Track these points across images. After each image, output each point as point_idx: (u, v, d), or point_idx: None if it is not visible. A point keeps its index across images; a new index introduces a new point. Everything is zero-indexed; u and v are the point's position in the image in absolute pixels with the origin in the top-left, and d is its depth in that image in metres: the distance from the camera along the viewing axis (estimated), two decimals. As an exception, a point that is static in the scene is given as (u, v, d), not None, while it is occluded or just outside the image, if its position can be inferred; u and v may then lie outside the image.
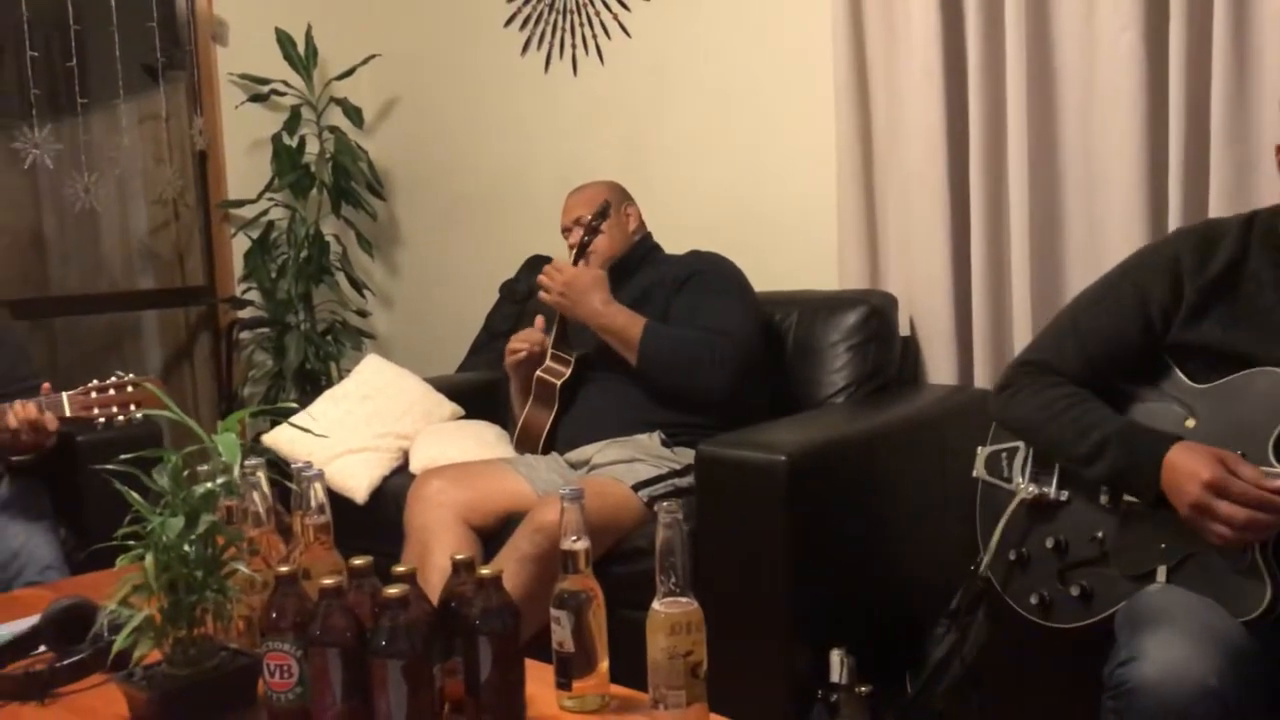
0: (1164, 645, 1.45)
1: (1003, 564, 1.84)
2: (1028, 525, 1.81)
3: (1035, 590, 1.78)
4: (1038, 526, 1.80)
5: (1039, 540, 1.78)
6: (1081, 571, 1.73)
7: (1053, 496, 1.78)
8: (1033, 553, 1.80)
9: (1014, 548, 1.82)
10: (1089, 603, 1.71)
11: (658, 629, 1.29)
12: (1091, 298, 1.84)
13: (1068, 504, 1.77)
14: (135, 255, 4.00)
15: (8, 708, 1.49)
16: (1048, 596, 1.77)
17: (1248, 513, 1.51)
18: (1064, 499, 1.77)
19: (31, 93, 3.48)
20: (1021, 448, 1.84)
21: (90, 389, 2.35)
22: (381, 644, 1.24)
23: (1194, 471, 1.54)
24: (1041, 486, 1.79)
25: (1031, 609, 1.79)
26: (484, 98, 3.77)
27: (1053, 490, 1.78)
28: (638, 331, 2.49)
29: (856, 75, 2.77)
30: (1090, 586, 1.71)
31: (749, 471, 2.07)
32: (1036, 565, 1.79)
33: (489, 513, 2.42)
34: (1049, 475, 1.79)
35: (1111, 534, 1.70)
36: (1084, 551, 1.73)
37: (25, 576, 2.33)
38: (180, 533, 1.31)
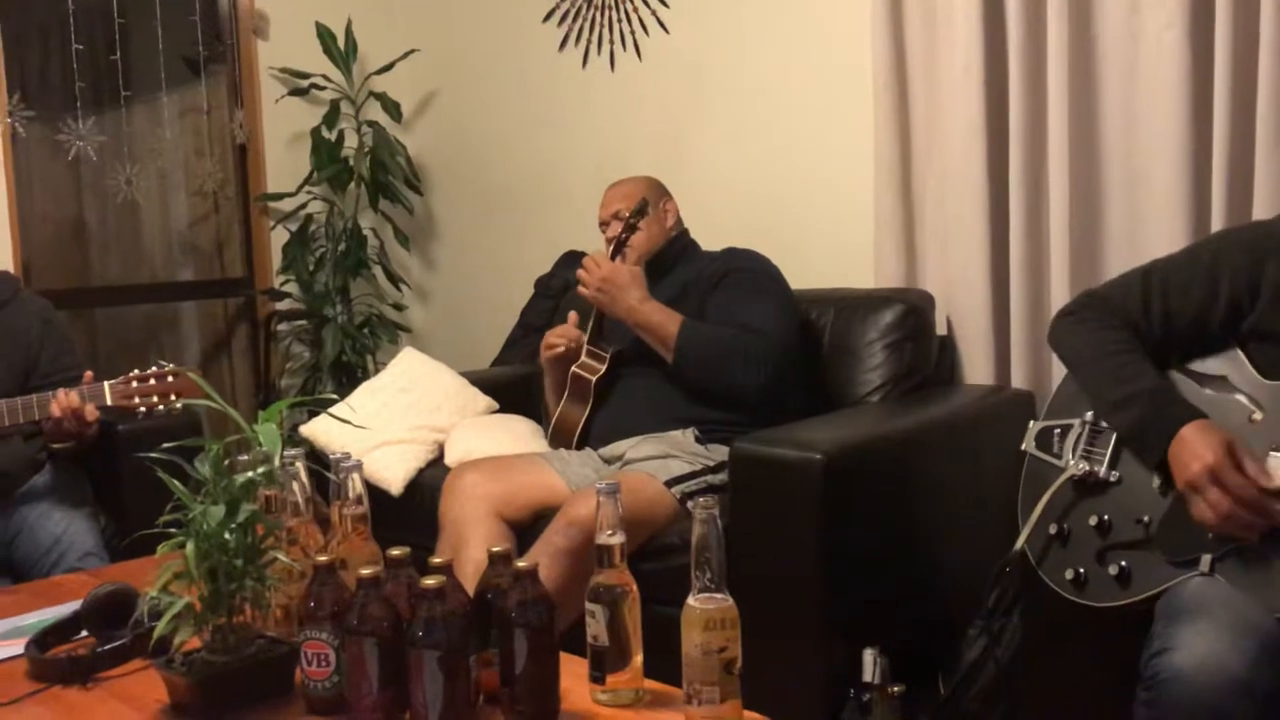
0: (1198, 637, 1.45)
1: (1042, 538, 1.83)
2: (1072, 501, 1.81)
3: (1072, 566, 1.77)
4: (1083, 503, 1.79)
5: (1082, 517, 1.78)
6: (1122, 553, 1.72)
7: (1103, 475, 1.77)
8: (1074, 529, 1.79)
9: (1055, 522, 1.81)
10: (1126, 584, 1.71)
11: (693, 625, 1.28)
12: (1171, 258, 1.84)
13: (1118, 484, 1.76)
14: (175, 247, 4.04)
15: (51, 690, 1.52)
16: (1084, 574, 1.76)
17: (1230, 505, 1.55)
18: (1114, 479, 1.76)
19: (76, 85, 3.52)
20: (1077, 424, 1.83)
21: (131, 379, 2.38)
22: (419, 634, 1.25)
23: (1199, 452, 1.58)
24: (1093, 465, 1.79)
25: (1064, 584, 1.77)
26: (521, 93, 3.78)
27: (1103, 469, 1.77)
28: (674, 329, 2.48)
29: (896, 72, 2.75)
30: (1129, 567, 1.70)
31: (784, 469, 2.07)
32: (1076, 542, 1.78)
33: (522, 506, 2.43)
34: (1101, 454, 1.78)
35: (1159, 518, 1.69)
36: (1128, 533, 1.73)
37: (66, 562, 2.37)
38: (221, 521, 1.33)
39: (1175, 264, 1.81)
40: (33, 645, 1.60)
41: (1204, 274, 1.74)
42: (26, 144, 3.43)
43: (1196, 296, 1.74)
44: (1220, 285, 1.72)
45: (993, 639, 2.02)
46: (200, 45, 3.80)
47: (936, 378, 2.69)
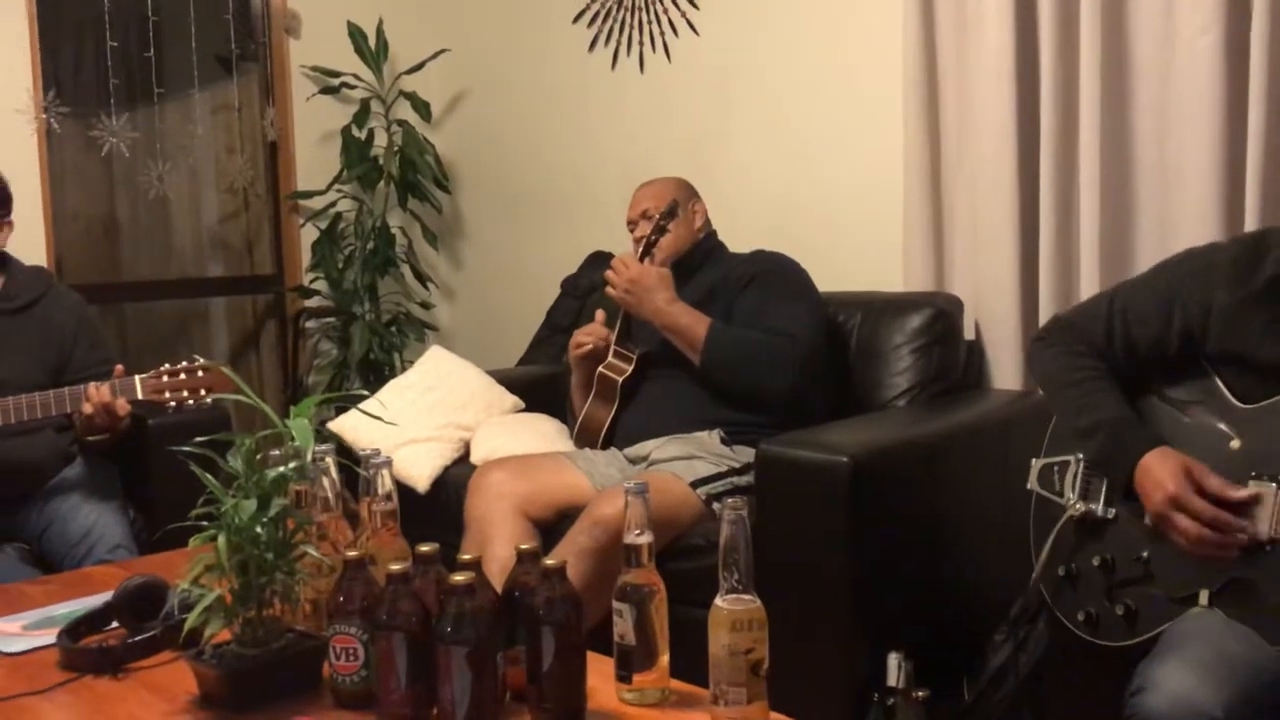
0: (1172, 676, 1.44)
1: (1053, 578, 1.83)
2: (1077, 541, 1.81)
3: (1083, 606, 1.77)
4: (1086, 543, 1.79)
5: (1087, 557, 1.78)
6: (1128, 590, 1.73)
7: (1099, 514, 1.77)
8: (1081, 569, 1.79)
9: (1064, 563, 1.81)
10: (1133, 622, 1.71)
11: (720, 625, 1.29)
12: (1133, 283, 1.86)
13: (1114, 522, 1.76)
14: (205, 243, 4.07)
15: (83, 680, 1.53)
16: (1095, 614, 1.76)
17: (1199, 530, 1.58)
18: (1110, 516, 1.76)
19: (110, 82, 3.55)
20: (1073, 461, 1.83)
21: (162, 373, 2.40)
22: (447, 630, 1.26)
23: (1160, 481, 1.62)
24: (1089, 503, 1.78)
25: (1080, 625, 1.78)
26: (550, 94, 3.79)
27: (1099, 507, 1.77)
28: (702, 331, 2.49)
29: (926, 75, 2.74)
30: (1135, 606, 1.71)
31: (810, 472, 2.07)
32: (1085, 581, 1.78)
33: (547, 505, 2.44)
34: (1097, 492, 1.78)
35: (1156, 554, 1.69)
36: (1130, 571, 1.73)
37: (96, 554, 2.39)
38: (253, 515, 1.34)
39: (1135, 290, 1.83)
40: (64, 635, 1.62)
41: (1159, 302, 1.76)
42: (61, 140, 3.46)
43: (1153, 325, 1.77)
44: (1173, 314, 1.74)
45: (1018, 645, 2.01)
46: (233, 43, 3.83)
47: (964, 382, 2.68)
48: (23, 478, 2.48)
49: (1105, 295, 1.87)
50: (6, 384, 2.44)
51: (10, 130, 3.26)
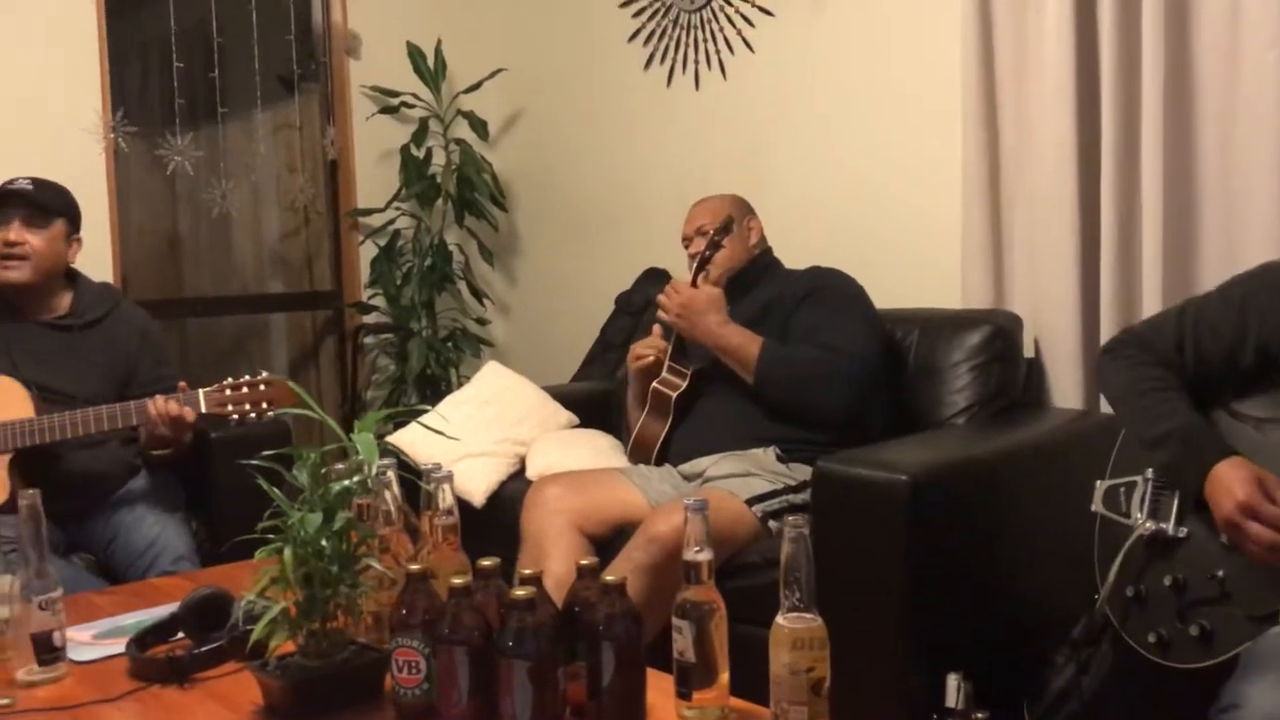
0: (1266, 693, 1.41)
1: (1120, 600, 1.80)
2: (1145, 561, 1.77)
3: (1154, 628, 1.74)
4: (1156, 563, 1.76)
5: (1157, 577, 1.74)
6: (1201, 610, 1.69)
7: (1171, 533, 1.74)
8: (1150, 590, 1.76)
9: (1132, 584, 1.78)
10: (1209, 644, 1.67)
11: (781, 643, 1.28)
12: (1206, 296, 1.84)
13: (1187, 540, 1.73)
14: (266, 259, 4.14)
15: (150, 689, 1.56)
16: (1166, 635, 1.72)
17: (1273, 536, 1.56)
18: (1183, 535, 1.73)
19: (176, 102, 3.63)
20: (1140, 482, 1.80)
21: (225, 386, 2.44)
22: (509, 644, 1.27)
23: (1230, 488, 1.60)
24: (1160, 522, 1.75)
25: (1150, 647, 1.74)
26: (606, 111, 3.81)
27: (1171, 526, 1.74)
28: (755, 351, 2.48)
29: (984, 90, 2.73)
30: (1211, 627, 1.67)
31: (869, 490, 2.05)
32: (1154, 603, 1.75)
33: (602, 521, 2.44)
34: (1168, 511, 1.75)
35: (1233, 573, 1.66)
36: (1204, 590, 1.69)
37: (159, 565, 2.43)
38: (318, 528, 1.35)
39: (1208, 302, 1.81)
40: (133, 645, 1.65)
41: (1233, 315, 1.74)
42: (128, 159, 3.53)
43: (1226, 338, 1.75)
44: (1248, 328, 1.72)
45: (1080, 668, 1.98)
46: (295, 64, 3.90)
47: (1024, 401, 2.65)
48: (89, 489, 2.53)
49: (1175, 309, 1.85)
50: (74, 398, 2.50)
51: (80, 149, 3.34)
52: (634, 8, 3.64)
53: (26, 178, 2.56)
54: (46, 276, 2.57)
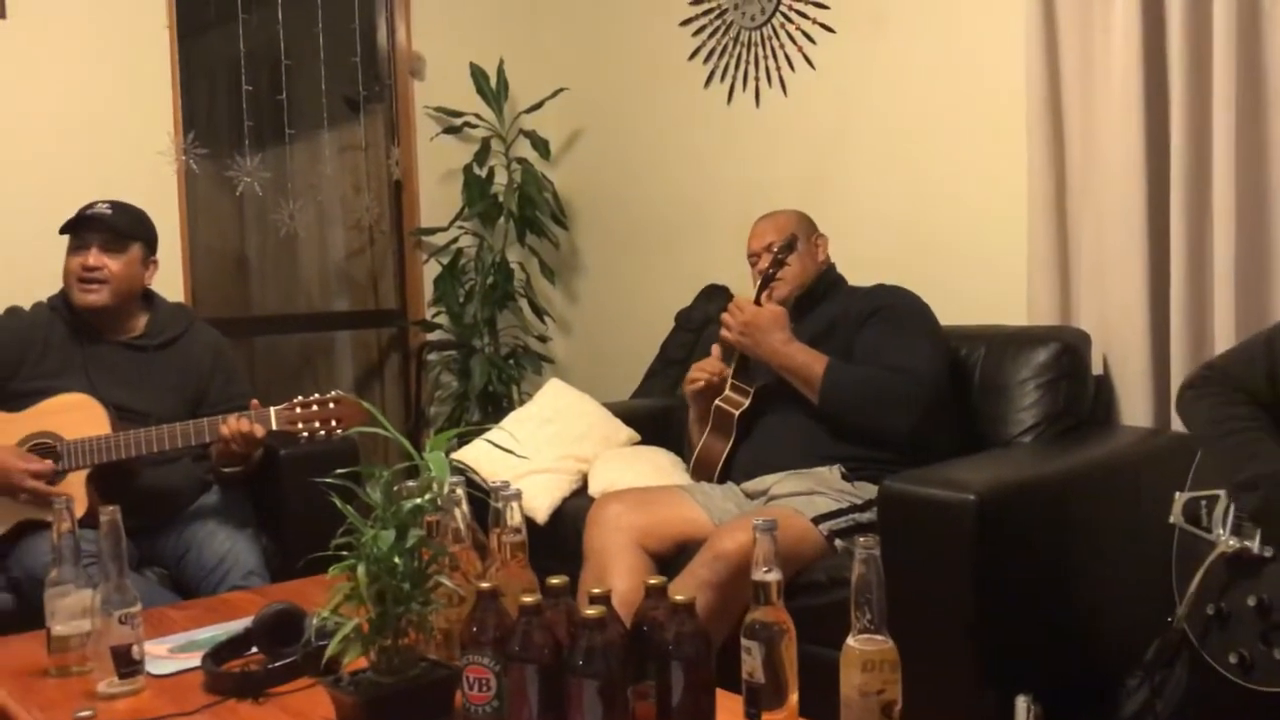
0: None
1: (1200, 618, 1.76)
2: (1228, 579, 1.73)
3: (1235, 649, 1.70)
4: (1239, 582, 1.72)
5: (1240, 597, 1.70)
6: None
7: (1256, 552, 1.70)
8: (1233, 609, 1.72)
9: (1213, 602, 1.74)
10: None
11: (852, 665, 1.28)
12: None
13: (1273, 561, 1.68)
14: (332, 278, 4.20)
15: (226, 703, 1.59)
16: (1249, 656, 1.68)
17: None
18: (1268, 555, 1.69)
19: (245, 124, 3.70)
20: (1222, 496, 1.77)
21: (295, 405, 2.48)
22: (579, 663, 1.27)
23: None
24: (1244, 540, 1.71)
25: (1231, 668, 1.70)
26: (666, 129, 3.83)
27: (1256, 545, 1.70)
28: (820, 370, 2.47)
29: (1050, 105, 2.70)
30: None
31: (936, 510, 2.04)
32: (1237, 623, 1.71)
33: (665, 538, 2.44)
34: (1253, 528, 1.71)
35: None
36: None
37: (230, 580, 2.47)
38: (391, 546, 1.37)
39: None
40: (208, 659, 1.68)
41: None
42: (198, 180, 3.61)
43: None
44: None
45: (1154, 690, 1.95)
46: (360, 85, 3.97)
47: (1092, 419, 2.61)
48: (162, 505, 2.59)
49: (1260, 336, 1.81)
50: (148, 416, 2.55)
51: (152, 171, 3.42)
52: (694, 26, 3.65)
53: (106, 202, 2.62)
54: (124, 299, 2.63)
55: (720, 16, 3.57)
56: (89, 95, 3.31)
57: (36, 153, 3.22)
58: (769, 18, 3.42)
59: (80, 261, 2.56)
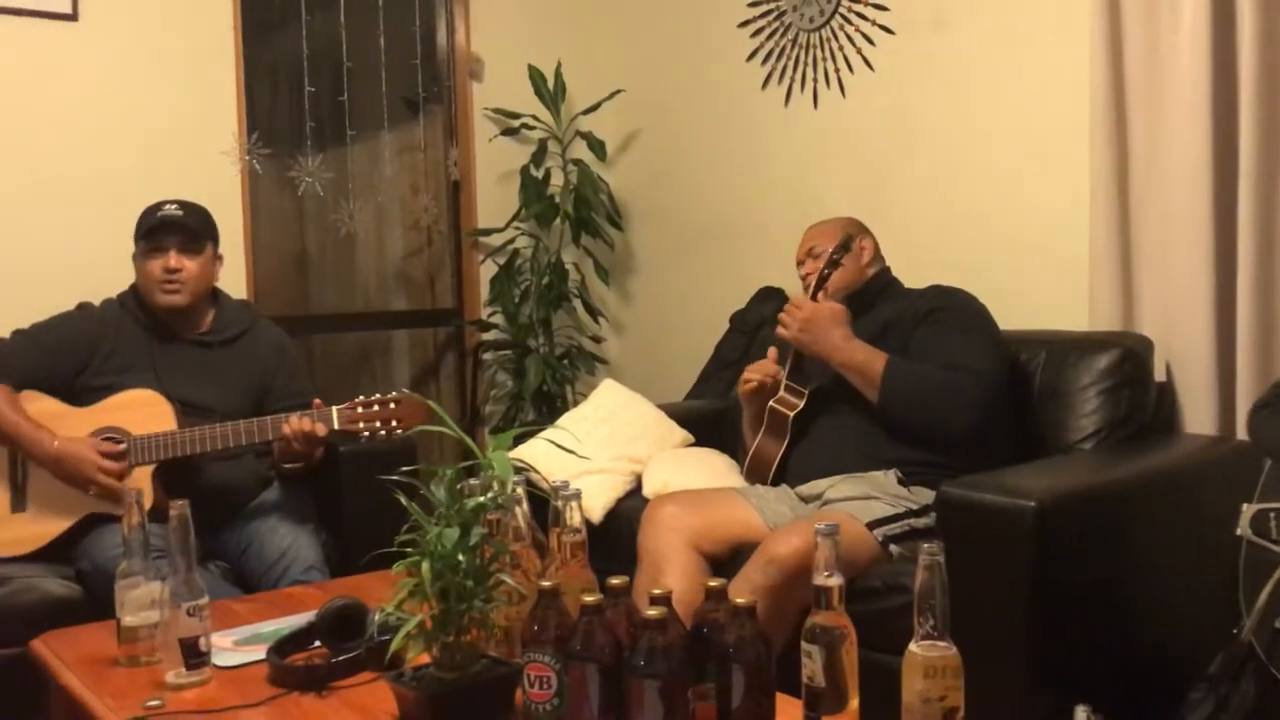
0: None
1: (1268, 632, 1.73)
2: None
3: None
4: None
5: None
6: None
7: None
8: None
9: (1280, 617, 1.71)
10: None
11: (914, 671, 1.27)
12: None
13: None
14: (390, 278, 4.25)
15: (290, 696, 1.61)
16: None
17: None
18: None
19: (307, 125, 3.76)
20: None
21: (356, 404, 2.52)
22: (640, 663, 1.28)
23: None
24: None
25: None
26: (722, 131, 3.83)
27: None
28: (879, 368, 2.46)
29: (1114, 106, 2.66)
30: None
31: (995, 516, 2.02)
32: None
33: (719, 540, 2.44)
34: None
35: None
36: None
37: (290, 575, 2.51)
38: (455, 543, 1.39)
39: None
40: (272, 652, 1.71)
41: None
42: (260, 180, 3.67)
43: None
44: None
45: (1219, 704, 1.92)
46: (420, 87, 4.01)
47: (1154, 426, 2.57)
48: (225, 500, 2.63)
49: None
50: (212, 412, 2.60)
51: (217, 171, 3.48)
52: (752, 27, 3.65)
53: (173, 202, 2.67)
54: (199, 298, 2.69)
55: (779, 18, 3.57)
56: (156, 96, 3.38)
57: (105, 152, 3.29)
58: (828, 19, 3.41)
59: (161, 265, 2.61)
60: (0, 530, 2.50)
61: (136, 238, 2.67)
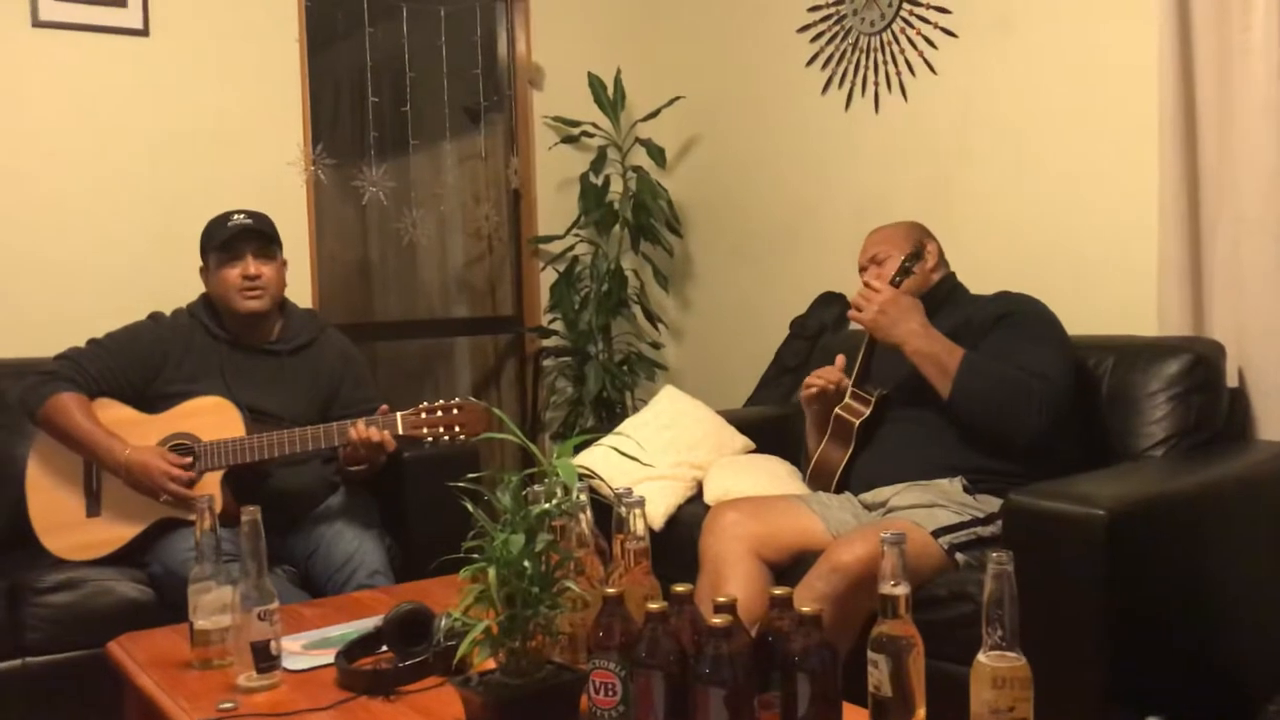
0: None
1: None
2: None
3: None
4: None
5: None
6: None
7: None
8: None
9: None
10: None
11: (982, 682, 1.26)
12: None
13: None
14: (451, 285, 4.29)
15: (358, 700, 1.63)
16: None
17: None
18: None
19: (370, 135, 3.81)
20: None
21: (421, 410, 2.55)
22: (705, 671, 1.28)
23: None
24: None
25: None
26: (782, 136, 3.82)
27: None
28: (956, 360, 2.42)
29: (1184, 108, 2.61)
30: None
31: (1064, 525, 1.99)
32: None
33: (781, 548, 2.43)
34: None
35: None
36: None
37: (356, 579, 2.54)
38: (521, 549, 1.39)
39: None
40: (341, 656, 1.73)
41: None
42: (325, 190, 3.72)
43: None
44: None
45: (1296, 719, 1.88)
46: (480, 96, 4.04)
47: (1227, 433, 2.52)
48: (292, 505, 2.67)
49: None
50: (280, 419, 2.64)
51: (283, 181, 3.54)
52: (812, 32, 3.64)
53: (240, 211, 2.71)
54: (276, 303, 2.75)
55: (839, 22, 3.55)
56: (224, 108, 3.45)
57: (174, 165, 3.37)
58: (889, 23, 3.39)
59: (240, 271, 2.66)
60: (76, 534, 2.57)
61: (208, 249, 2.71)
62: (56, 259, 3.20)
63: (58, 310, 3.13)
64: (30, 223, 3.18)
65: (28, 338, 2.95)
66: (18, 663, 2.43)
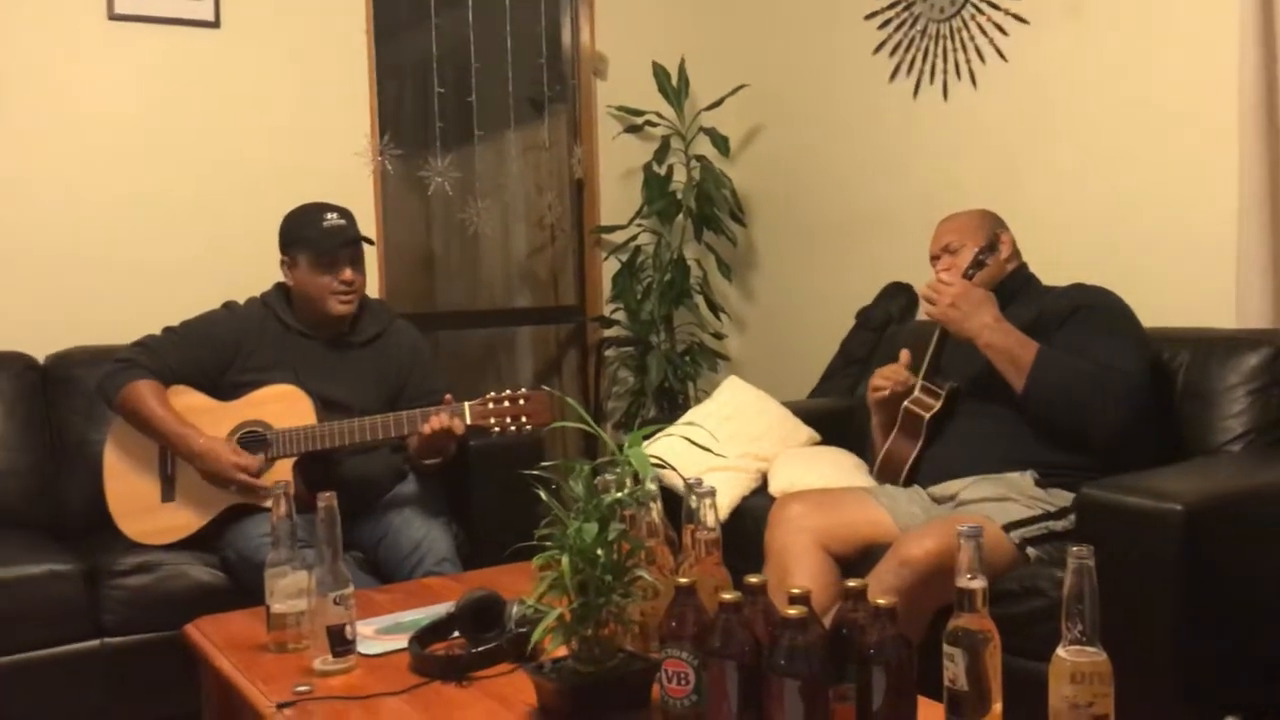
0: None
1: None
2: None
3: None
4: None
5: None
6: None
7: None
8: None
9: None
10: None
11: (1061, 677, 1.25)
12: None
13: None
14: (514, 275, 4.31)
15: (431, 685, 1.65)
16: None
17: None
18: None
19: (436, 125, 3.83)
20: None
21: (488, 399, 2.57)
22: (780, 662, 1.28)
23: None
24: None
25: None
26: (848, 124, 3.79)
27: None
28: (1030, 355, 2.38)
29: (1266, 98, 2.55)
30: None
31: (1139, 520, 1.95)
32: None
33: (848, 540, 2.42)
34: None
35: None
36: None
37: (424, 566, 2.56)
38: (594, 538, 1.40)
39: None
40: (414, 642, 1.75)
41: None
42: (391, 180, 3.75)
43: None
44: None
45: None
46: (545, 86, 4.06)
47: (1309, 428, 2.46)
48: (362, 492, 2.70)
49: None
50: (350, 408, 2.67)
51: (350, 172, 3.58)
52: (880, 19, 3.60)
53: (332, 210, 2.72)
54: None
55: (907, 9, 3.51)
56: (293, 99, 3.49)
57: (245, 155, 3.42)
58: (959, 9, 3.34)
59: (339, 278, 2.68)
60: (151, 519, 2.62)
61: (297, 246, 2.71)
62: (132, 248, 3.27)
63: (133, 299, 3.20)
64: (106, 213, 3.25)
65: (105, 326, 3.01)
66: (96, 643, 2.49)
